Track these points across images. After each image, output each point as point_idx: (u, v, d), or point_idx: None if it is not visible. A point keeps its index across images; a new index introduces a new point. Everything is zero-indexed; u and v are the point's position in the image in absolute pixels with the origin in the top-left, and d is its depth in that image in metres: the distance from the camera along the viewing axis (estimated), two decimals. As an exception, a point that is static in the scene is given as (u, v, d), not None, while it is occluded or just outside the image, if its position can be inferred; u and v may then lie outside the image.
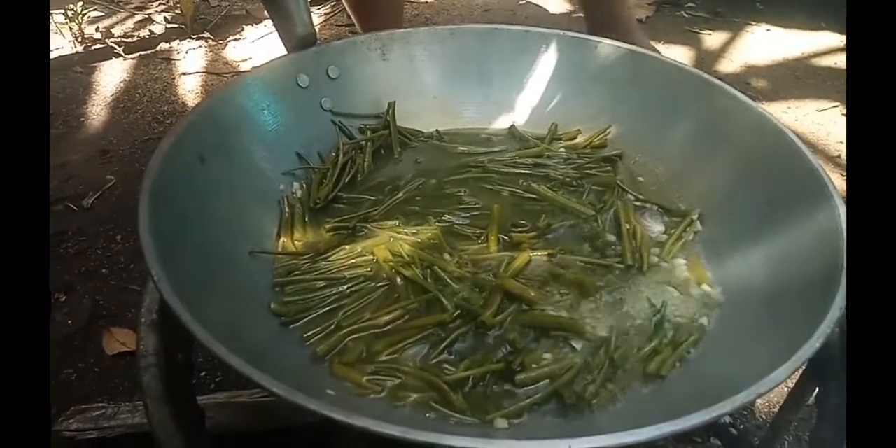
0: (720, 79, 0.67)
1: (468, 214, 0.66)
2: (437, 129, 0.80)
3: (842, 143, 1.32)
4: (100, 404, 0.87)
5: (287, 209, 0.65)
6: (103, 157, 1.35)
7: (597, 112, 0.76)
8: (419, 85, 0.80)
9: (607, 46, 0.75)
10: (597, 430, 0.38)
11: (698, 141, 0.68)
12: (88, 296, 1.06)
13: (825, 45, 1.67)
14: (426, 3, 1.89)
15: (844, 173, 1.25)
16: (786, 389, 0.82)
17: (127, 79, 1.60)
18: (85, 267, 1.11)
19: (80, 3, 1.65)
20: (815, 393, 0.55)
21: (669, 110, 0.70)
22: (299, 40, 0.71)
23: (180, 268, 0.46)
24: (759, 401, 0.94)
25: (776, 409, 0.69)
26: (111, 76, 1.60)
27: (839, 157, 1.29)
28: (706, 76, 0.68)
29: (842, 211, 0.51)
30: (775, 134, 0.62)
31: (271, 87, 0.69)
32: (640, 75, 0.73)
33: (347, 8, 1.24)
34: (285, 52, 0.73)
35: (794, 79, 1.57)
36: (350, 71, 0.76)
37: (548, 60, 0.78)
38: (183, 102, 1.51)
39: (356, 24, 1.27)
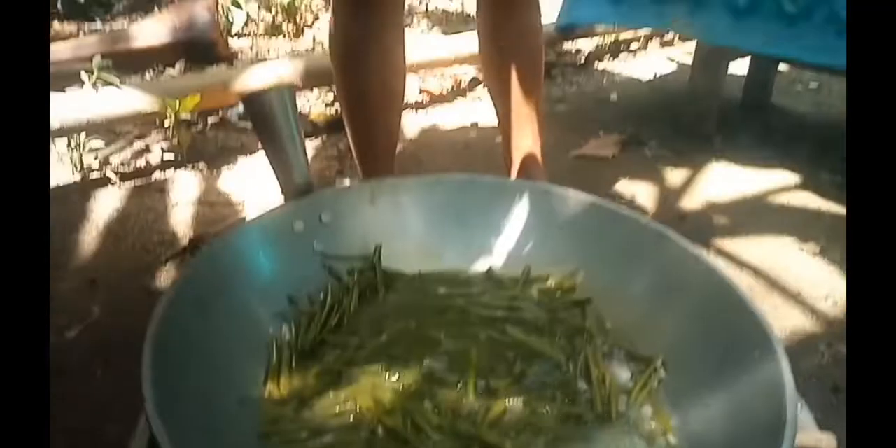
0: (683, 216, 0.75)
1: (448, 358, 0.69)
2: (419, 271, 0.85)
3: (801, 278, 1.40)
4: None
5: (275, 354, 0.68)
6: (91, 286, 1.37)
7: (565, 257, 0.83)
8: (404, 229, 0.86)
9: (572, 198, 0.83)
10: None
11: (656, 289, 0.74)
12: (63, 435, 1.04)
13: (781, 182, 1.80)
14: (411, 139, 2.03)
15: (805, 309, 1.31)
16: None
17: (120, 207, 1.66)
18: (62, 401, 1.10)
19: (83, 133, 1.75)
20: None
21: (629, 259, 0.77)
22: (297, 189, 0.78)
23: (178, 418, 0.49)
24: None
25: None
26: (105, 205, 1.66)
27: (799, 293, 1.36)
28: (660, 228, 0.75)
29: (784, 363, 0.56)
30: (722, 285, 0.68)
31: (269, 234, 0.75)
32: (602, 225, 0.80)
33: (352, 146, 1.34)
34: (280, 192, 0.79)
35: (754, 215, 1.67)
36: (341, 216, 0.83)
37: (520, 208, 0.86)
38: (173, 232, 1.57)
39: (356, 161, 1.36)
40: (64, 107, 1.68)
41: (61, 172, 1.78)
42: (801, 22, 1.44)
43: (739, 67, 2.13)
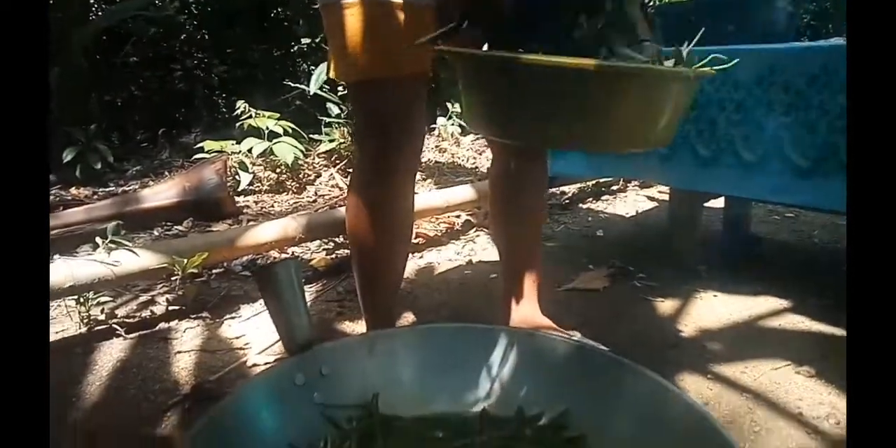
0: (675, 344, 0.79)
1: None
2: (417, 414, 0.88)
3: (800, 400, 1.40)
4: None
5: (278, 506, 0.70)
6: (89, 438, 1.37)
7: (555, 397, 0.86)
8: (401, 376, 0.91)
9: (558, 342, 0.89)
10: None
11: (640, 424, 0.77)
12: None
13: (769, 308, 1.85)
14: (407, 278, 2.11)
15: (807, 429, 1.31)
16: None
17: (124, 358, 1.69)
18: None
19: (92, 292, 1.82)
20: None
21: (615, 398, 0.81)
22: (298, 347, 0.83)
23: None
24: None
25: None
26: (109, 356, 1.69)
27: (800, 413, 1.36)
28: (640, 368, 0.80)
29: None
30: (696, 415, 0.71)
31: (272, 388, 0.79)
32: (584, 366, 0.85)
33: (358, 285, 1.42)
34: (285, 357, 0.84)
35: (746, 340, 1.71)
36: (341, 367, 0.88)
37: (510, 353, 0.91)
38: (175, 380, 1.59)
39: (361, 298, 1.43)
40: (76, 268, 1.77)
41: (68, 325, 1.83)
42: (758, 168, 1.58)
43: (716, 201, 2.28)
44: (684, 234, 2.12)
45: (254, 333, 1.77)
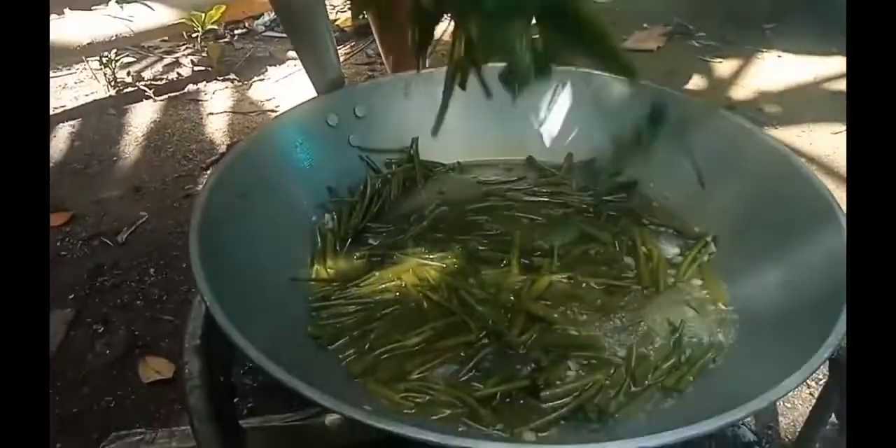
0: (733, 106, 0.71)
1: (490, 241, 0.69)
2: (458, 161, 0.84)
3: (855, 165, 1.34)
4: (139, 430, 0.90)
5: (320, 240, 0.69)
6: (136, 193, 1.41)
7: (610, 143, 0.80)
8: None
9: (618, 81, 0.79)
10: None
11: (710, 167, 0.71)
12: (124, 327, 1.10)
13: (837, 69, 1.70)
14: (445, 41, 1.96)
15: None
16: (809, 407, 0.83)
17: (157, 119, 1.67)
18: (120, 299, 1.16)
19: (114, 50, 1.74)
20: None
21: (679, 139, 0.74)
22: (329, 83, 0.76)
23: (226, 293, 0.50)
24: (783, 419, 0.95)
25: (800, 428, 0.71)
26: (142, 117, 1.68)
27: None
28: (714, 106, 0.72)
29: (845, 233, 0.54)
30: (783, 159, 0.65)
31: (304, 126, 0.74)
32: (652, 108, 0.76)
33: (381, 50, 1.31)
34: (313, 93, 0.78)
35: (807, 103, 1.60)
36: (376, 109, 0.81)
37: (563, 94, 0.82)
38: (211, 141, 1.58)
39: (387, 66, 1.33)
40: (92, 24, 1.66)
41: (96, 88, 1.78)
42: None
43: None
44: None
45: (284, 95, 1.71)
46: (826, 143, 1.43)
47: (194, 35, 1.77)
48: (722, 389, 0.54)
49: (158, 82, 1.82)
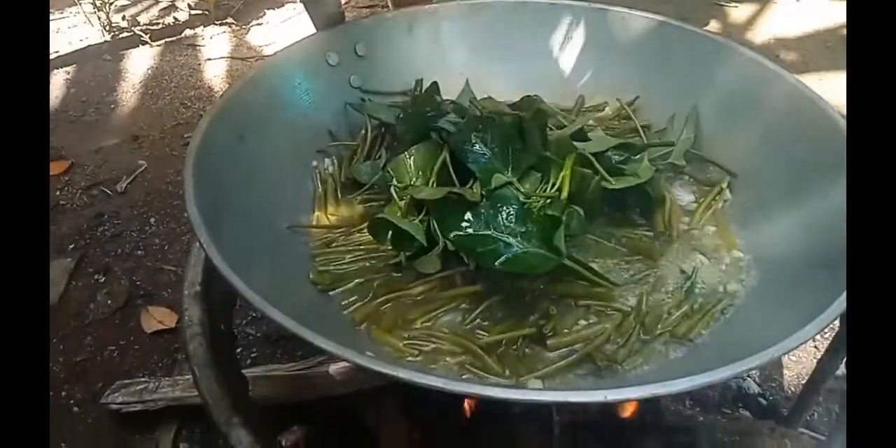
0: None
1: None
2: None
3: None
4: (142, 379, 0.91)
5: (320, 185, 0.67)
6: (135, 142, 1.38)
7: (624, 83, 0.76)
8: (446, 61, 0.80)
9: (636, 18, 0.75)
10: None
11: (727, 109, 0.67)
12: (126, 276, 1.10)
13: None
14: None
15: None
16: (815, 360, 0.83)
17: (154, 65, 1.62)
18: (121, 249, 1.15)
19: (106, -7, 1.68)
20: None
21: (698, 80, 0.70)
22: (328, 19, 0.72)
23: (224, 238, 0.48)
24: (787, 372, 0.95)
25: (805, 381, 0.70)
26: (139, 63, 1.63)
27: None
28: (734, 45, 0.68)
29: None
30: (805, 100, 0.61)
31: (302, 65, 0.70)
32: (668, 46, 0.72)
33: None
34: (313, 32, 0.74)
35: (826, 50, 1.54)
36: (378, 48, 0.77)
37: (574, 33, 0.78)
38: (209, 87, 1.54)
39: (389, 3, 1.28)
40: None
41: (91, 33, 1.73)
42: None
43: None
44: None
45: (283, 39, 1.66)
46: (844, 90, 1.38)
47: (190, -24, 1.71)
48: (733, 339, 0.52)
49: (154, 27, 1.77)
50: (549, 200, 0.55)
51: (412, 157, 0.62)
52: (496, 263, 0.51)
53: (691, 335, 0.53)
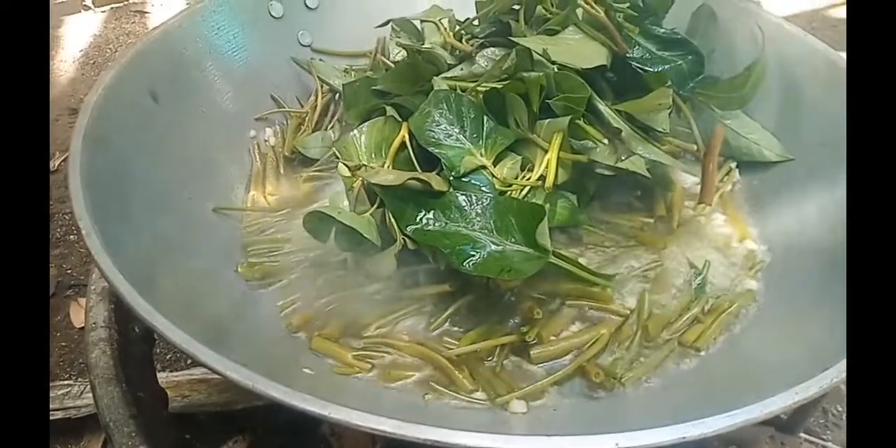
0: None
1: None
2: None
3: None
4: (65, 382, 0.80)
5: (258, 159, 0.56)
6: (72, 116, 1.26)
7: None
8: (411, 14, 0.69)
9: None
10: (631, 414, 0.30)
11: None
12: (55, 264, 0.99)
13: (846, -7, 1.58)
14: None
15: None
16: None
17: (97, 33, 1.50)
18: (51, 233, 1.03)
19: (45, -49, 1.53)
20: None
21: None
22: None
23: (124, 224, 0.37)
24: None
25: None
26: (81, 31, 1.51)
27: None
28: (751, 5, 0.59)
29: None
30: (829, 66, 0.52)
31: (238, 14, 0.59)
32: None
33: None
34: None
35: (811, 31, 1.48)
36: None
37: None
38: (158, 57, 1.41)
39: None
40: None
41: (27, -4, 1.59)
42: None
43: None
44: None
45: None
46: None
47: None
48: (750, 353, 0.43)
49: (99, -9, 1.63)
50: (530, 189, 0.45)
51: (363, 136, 0.50)
52: (465, 265, 0.40)
53: (700, 344, 0.44)
